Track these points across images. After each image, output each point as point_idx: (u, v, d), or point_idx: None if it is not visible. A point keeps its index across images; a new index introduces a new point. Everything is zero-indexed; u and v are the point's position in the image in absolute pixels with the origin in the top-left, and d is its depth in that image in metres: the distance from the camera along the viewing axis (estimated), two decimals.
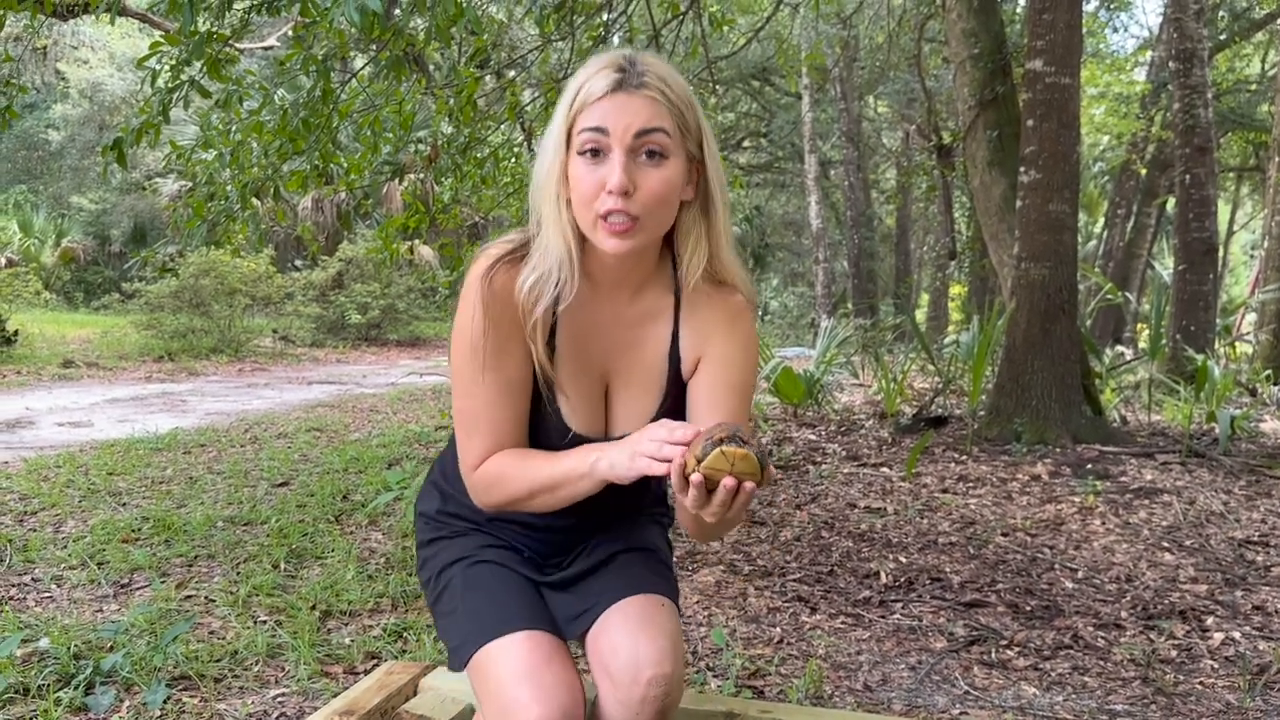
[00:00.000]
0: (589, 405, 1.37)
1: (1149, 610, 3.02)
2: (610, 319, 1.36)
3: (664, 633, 1.33)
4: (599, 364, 1.37)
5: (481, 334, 1.28)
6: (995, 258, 6.52)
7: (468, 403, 1.31)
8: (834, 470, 5.02)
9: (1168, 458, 5.22)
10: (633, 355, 1.38)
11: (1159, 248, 17.74)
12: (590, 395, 1.37)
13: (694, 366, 1.37)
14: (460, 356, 1.31)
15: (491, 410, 1.31)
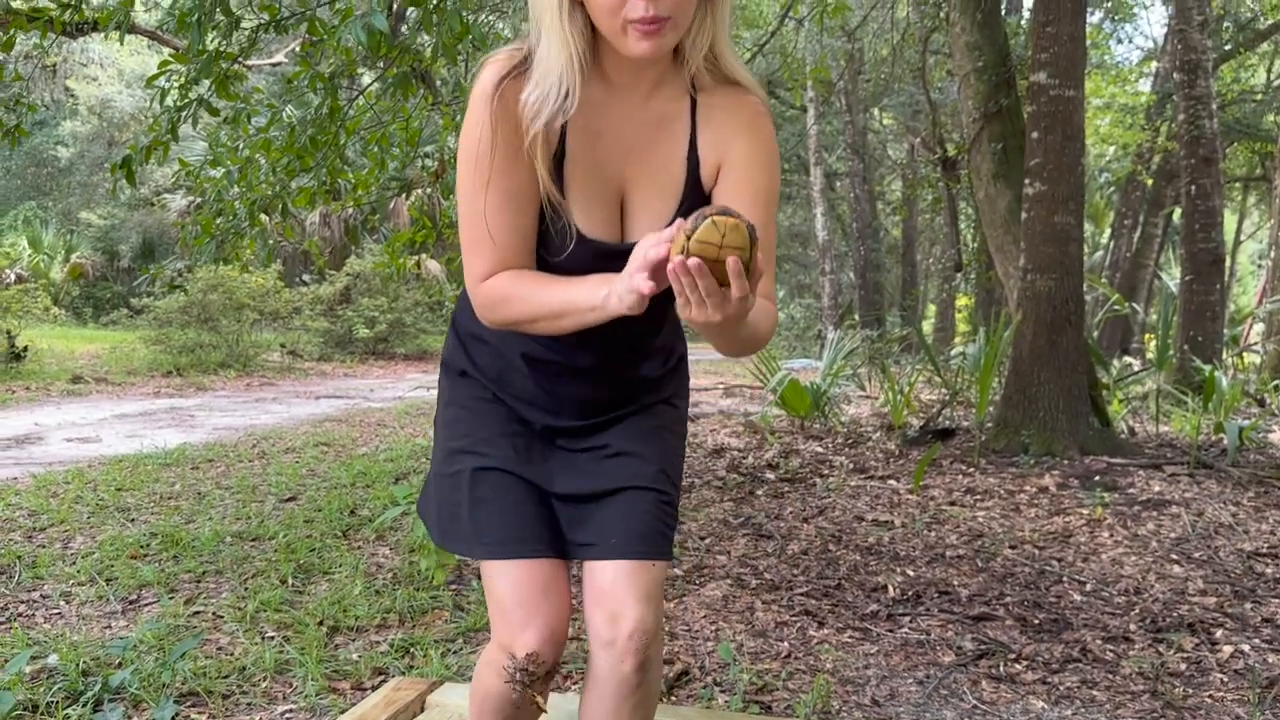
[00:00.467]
0: (603, 211, 1.33)
1: (1158, 623, 3.01)
2: (623, 123, 1.34)
3: (649, 596, 1.35)
4: (613, 170, 1.34)
5: (489, 147, 1.26)
6: (1001, 269, 6.52)
7: (472, 217, 1.29)
8: (841, 483, 5.01)
9: (1176, 469, 5.21)
10: (648, 159, 1.34)
11: (1165, 258, 17.71)
12: (604, 202, 1.33)
13: (715, 172, 1.34)
14: (464, 169, 1.30)
15: (496, 222, 1.28)
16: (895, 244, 22.52)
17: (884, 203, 22.16)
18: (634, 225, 1.34)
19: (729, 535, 3.99)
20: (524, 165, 1.27)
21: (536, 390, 1.44)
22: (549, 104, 1.25)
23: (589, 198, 1.31)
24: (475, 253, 1.30)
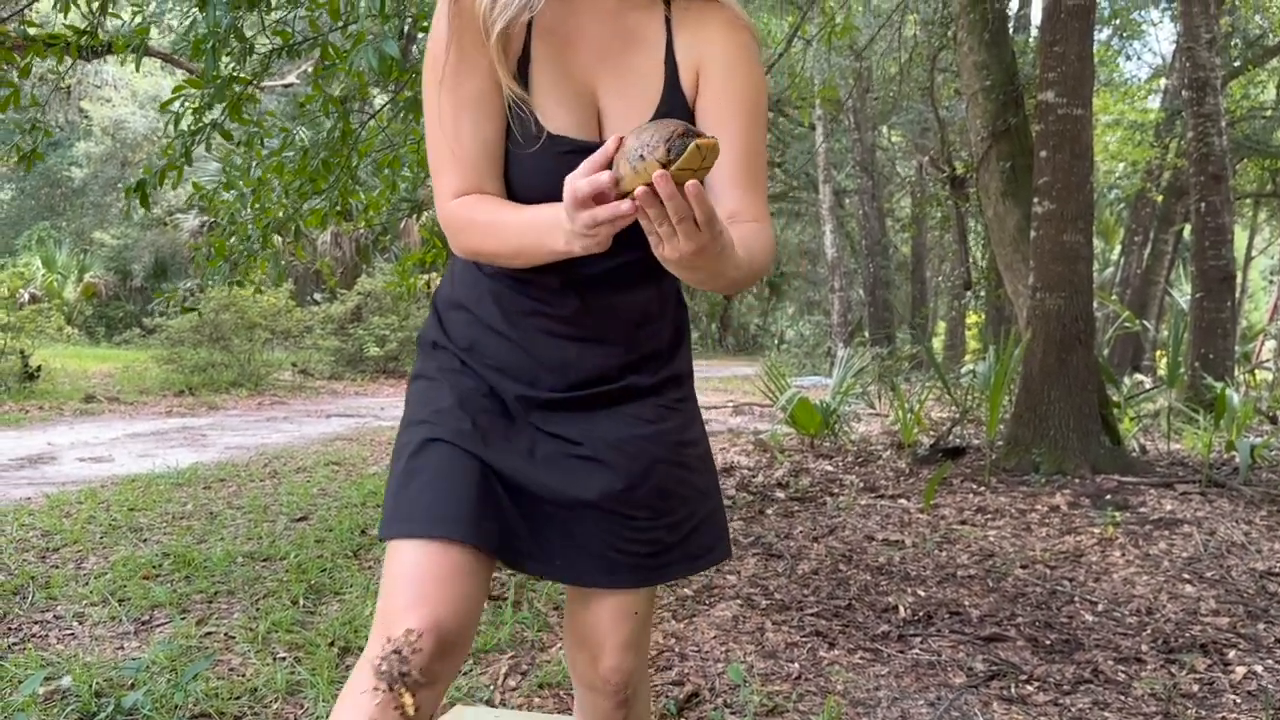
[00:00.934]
0: (575, 114, 1.24)
1: (1170, 644, 3.00)
2: (593, 30, 1.27)
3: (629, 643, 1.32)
4: (583, 77, 1.26)
5: (443, 49, 1.20)
6: (1011, 288, 6.52)
7: (434, 129, 1.22)
8: (851, 502, 5.01)
9: (1187, 488, 5.19)
10: (622, 67, 1.27)
11: (1176, 274, 17.67)
12: (576, 105, 1.25)
13: (694, 79, 1.28)
14: (428, 77, 1.23)
15: (458, 131, 1.21)
16: (905, 261, 22.52)
17: (893, 219, 22.18)
18: (613, 125, 1.26)
19: (739, 555, 3.99)
20: (487, 70, 1.21)
21: (512, 351, 1.31)
22: (511, 2, 1.20)
23: (557, 100, 1.23)
24: (440, 168, 1.23)
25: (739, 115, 1.25)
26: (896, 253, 22.50)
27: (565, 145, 1.21)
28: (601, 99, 1.26)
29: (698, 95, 1.27)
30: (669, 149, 0.91)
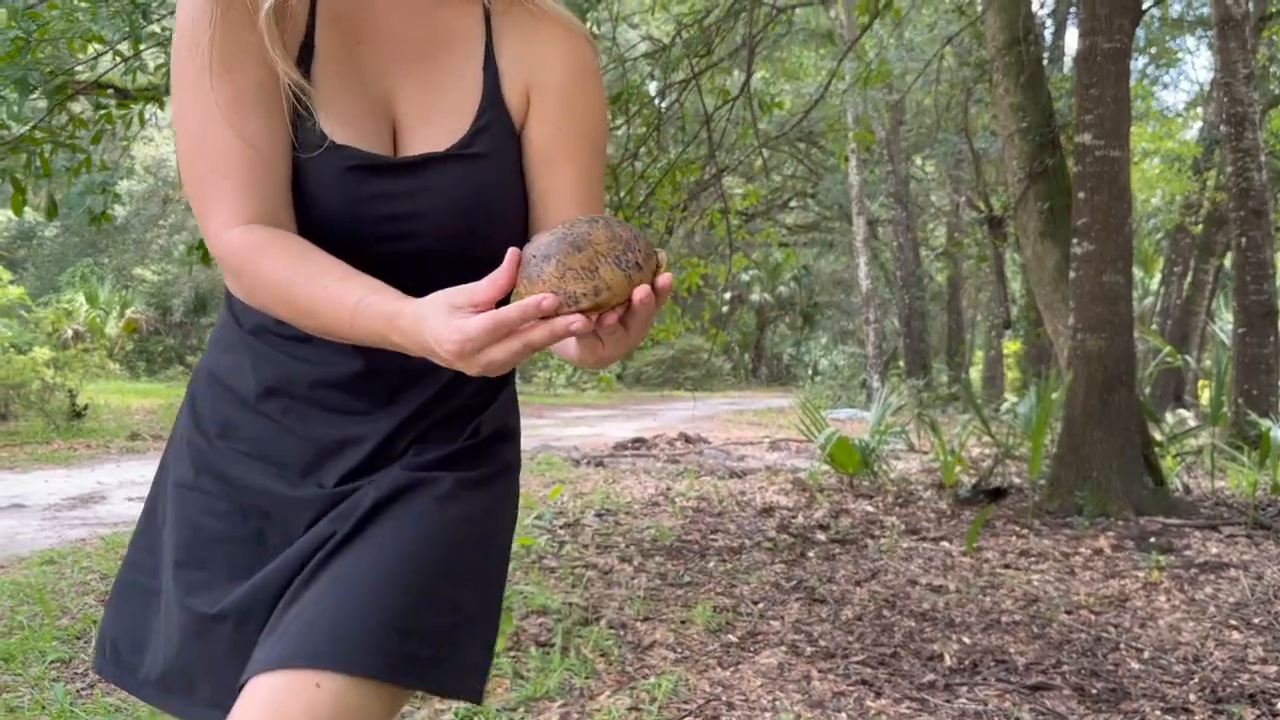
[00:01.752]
0: (366, 121, 1.02)
1: (1218, 693, 2.99)
2: (393, 28, 1.05)
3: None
4: (379, 80, 1.04)
5: (206, 25, 0.95)
6: (1050, 327, 6.53)
7: (201, 133, 0.95)
8: (893, 544, 5.02)
9: (1233, 529, 5.15)
10: (429, 72, 1.05)
11: (1217, 304, 17.48)
12: (368, 112, 1.02)
13: (524, 97, 1.06)
14: (183, 67, 0.96)
15: (244, 133, 0.95)
16: (939, 291, 22.46)
17: (928, 249, 22.15)
18: (414, 140, 1.03)
19: (781, 599, 4.02)
20: (262, 56, 0.97)
21: (275, 434, 1.05)
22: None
23: (344, 103, 1.00)
24: (212, 187, 0.96)
25: (583, 149, 1.08)
26: (931, 283, 22.44)
27: (351, 158, 0.99)
28: (399, 107, 1.04)
29: (528, 120, 1.06)
30: (650, 255, 0.81)
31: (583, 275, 0.79)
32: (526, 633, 3.44)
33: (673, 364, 26.06)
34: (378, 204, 1.00)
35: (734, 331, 30.23)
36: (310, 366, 1.04)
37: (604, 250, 0.79)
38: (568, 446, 10.22)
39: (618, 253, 0.80)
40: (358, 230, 1.00)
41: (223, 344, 1.11)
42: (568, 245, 0.79)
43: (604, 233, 0.80)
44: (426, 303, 0.84)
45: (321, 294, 0.91)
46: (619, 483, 7.26)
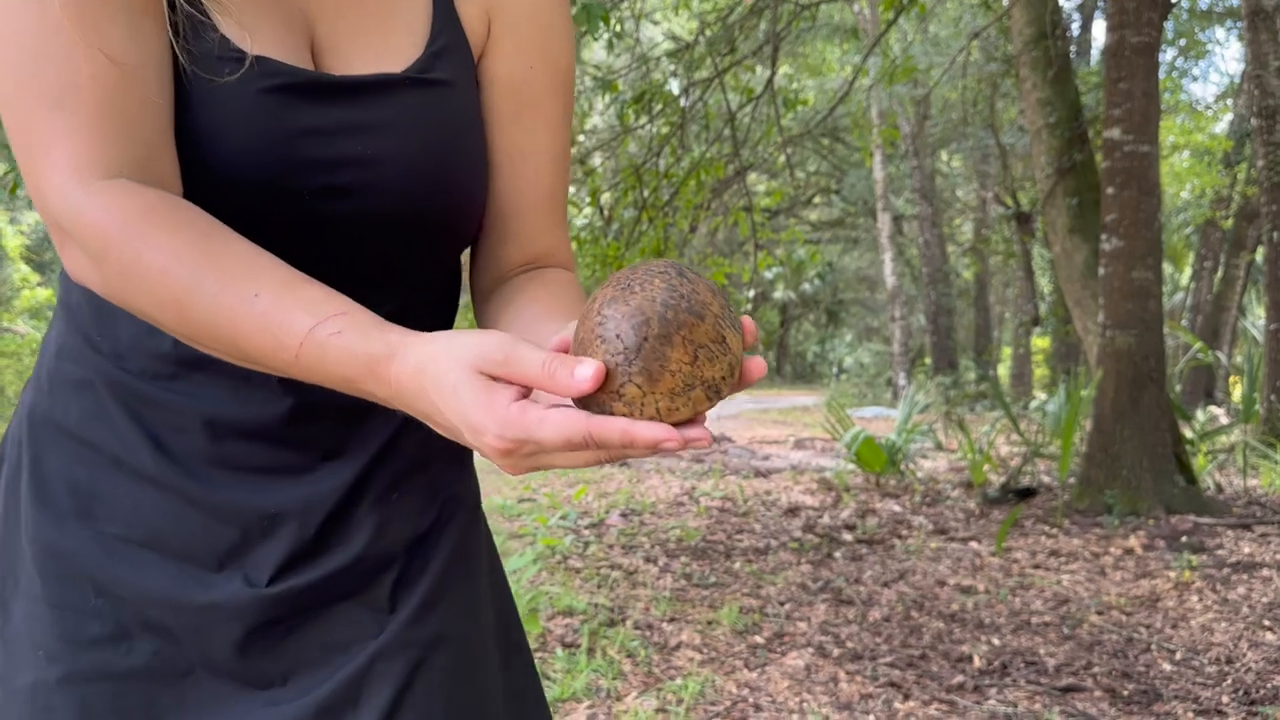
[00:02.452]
0: (278, 27, 0.71)
1: (1251, 694, 2.96)
2: None
3: None
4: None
5: None
6: (1079, 324, 6.47)
7: (19, 52, 0.63)
8: (921, 544, 5.00)
9: (1266, 529, 5.09)
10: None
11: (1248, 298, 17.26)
12: (279, 17, 0.71)
13: (482, 25, 0.80)
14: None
15: (104, 42, 0.64)
16: (966, 287, 22.32)
17: (954, 244, 22.00)
18: (345, 64, 0.74)
19: (808, 600, 4.01)
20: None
21: (169, 507, 0.72)
22: None
23: (251, 6, 0.70)
24: (38, 127, 0.63)
25: (558, 100, 0.83)
26: (958, 279, 22.30)
27: (274, 75, 0.69)
28: (321, 22, 0.74)
29: (488, 53, 0.81)
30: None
31: (715, 353, 0.56)
32: (552, 634, 3.46)
33: None
34: (309, 144, 0.69)
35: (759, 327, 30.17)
36: (214, 407, 0.72)
37: (720, 311, 0.57)
38: None
39: (728, 309, 0.58)
40: (276, 183, 0.69)
41: (66, 378, 0.74)
42: (688, 314, 0.56)
43: (704, 286, 0.58)
44: (442, 353, 0.58)
45: (248, 309, 0.60)
46: (643, 482, 7.27)
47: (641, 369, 0.55)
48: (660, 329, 0.55)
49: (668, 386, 0.55)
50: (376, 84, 0.73)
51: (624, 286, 0.57)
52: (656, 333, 0.55)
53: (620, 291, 0.57)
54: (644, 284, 0.57)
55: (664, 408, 0.56)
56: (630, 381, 0.55)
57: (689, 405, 0.56)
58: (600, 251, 5.23)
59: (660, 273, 0.58)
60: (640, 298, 0.56)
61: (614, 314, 0.56)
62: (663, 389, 0.55)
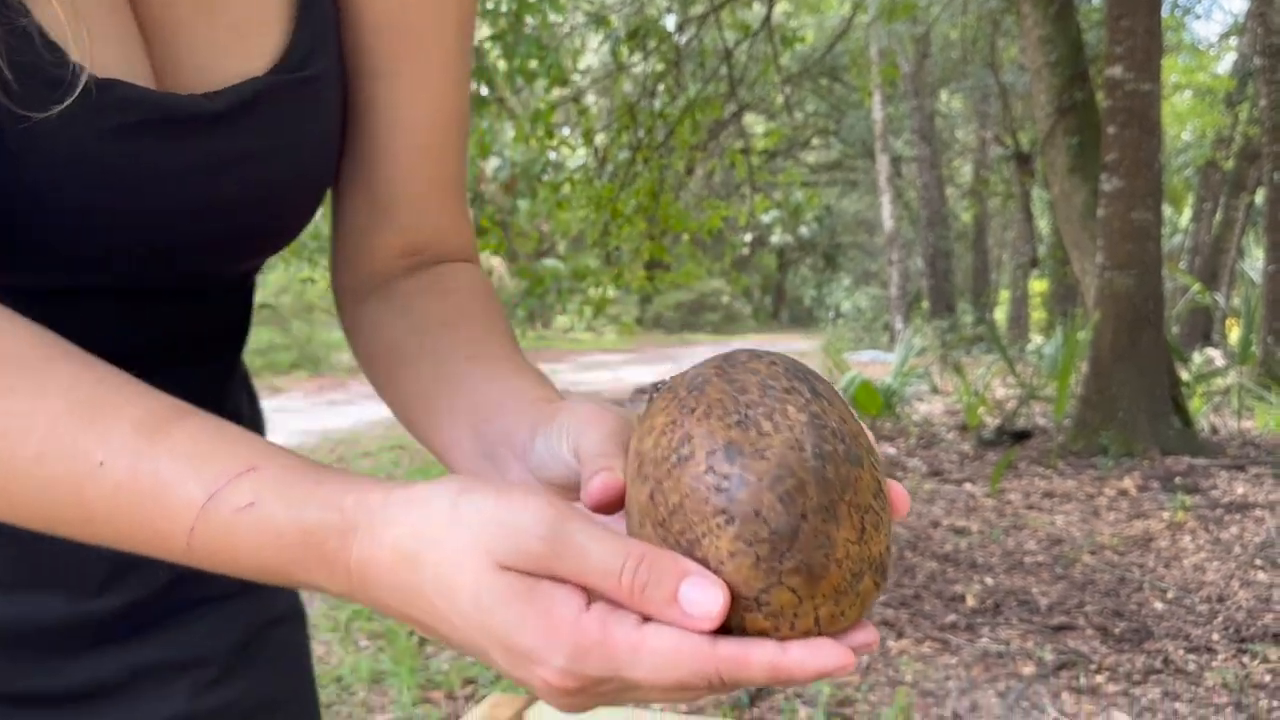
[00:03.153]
0: (118, 40, 0.50)
1: (1241, 633, 2.99)
2: None
3: None
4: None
5: None
6: (1078, 266, 6.43)
7: None
8: (916, 486, 5.01)
9: (1259, 469, 5.10)
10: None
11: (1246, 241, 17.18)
12: (112, 24, 0.50)
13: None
14: None
15: None
16: (965, 230, 22.19)
17: (953, 186, 21.83)
18: (188, 65, 0.53)
19: None
20: None
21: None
22: None
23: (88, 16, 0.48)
24: None
25: (446, 37, 0.62)
26: (957, 222, 22.16)
27: (128, 103, 0.49)
28: (147, 17, 0.52)
29: (360, 28, 0.60)
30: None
31: (880, 515, 0.40)
32: None
33: (692, 307, 25.99)
34: (174, 189, 0.51)
35: (755, 274, 30.07)
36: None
37: (869, 444, 0.42)
38: (587, 391, 10.24)
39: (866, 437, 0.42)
40: (108, 250, 0.52)
41: None
42: (848, 463, 0.39)
43: (840, 403, 0.41)
44: (442, 534, 0.39)
45: (95, 486, 0.41)
46: None
47: (801, 564, 0.37)
48: (821, 497, 0.37)
49: (834, 584, 0.38)
50: (248, 100, 0.53)
51: (739, 416, 0.38)
52: (816, 503, 0.37)
53: (739, 427, 0.38)
54: (771, 411, 0.38)
55: (826, 614, 0.38)
56: (781, 584, 0.37)
57: (857, 604, 0.39)
58: (594, 193, 5.16)
59: (785, 388, 0.39)
60: (779, 442, 0.38)
61: (742, 472, 0.37)
62: (827, 588, 0.37)
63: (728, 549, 0.37)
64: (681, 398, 0.40)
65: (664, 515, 0.39)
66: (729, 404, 0.39)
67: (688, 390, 0.40)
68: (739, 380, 0.40)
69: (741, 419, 0.38)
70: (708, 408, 0.39)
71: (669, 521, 0.39)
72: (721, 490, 0.37)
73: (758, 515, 0.37)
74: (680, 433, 0.39)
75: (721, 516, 0.37)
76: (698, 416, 0.39)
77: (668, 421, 0.40)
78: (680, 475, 0.38)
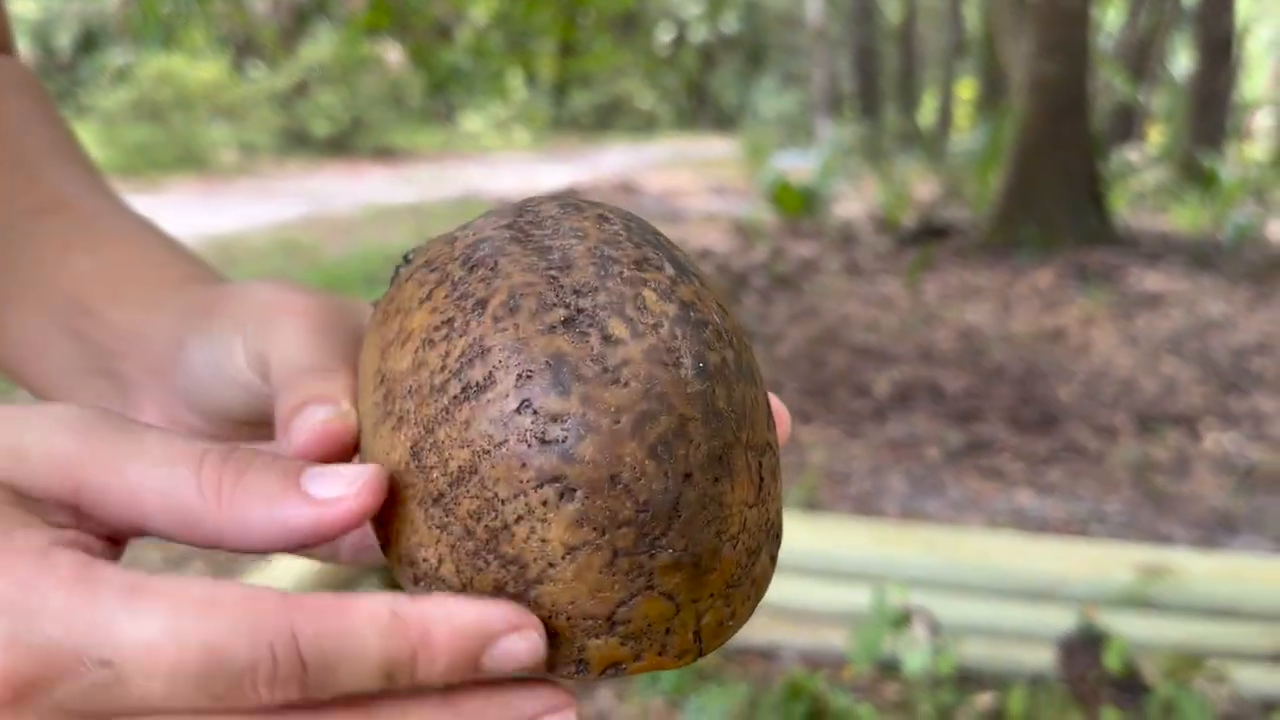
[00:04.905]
0: None
1: (1144, 415, 3.01)
2: None
3: None
4: None
5: None
6: (1005, 55, 6.21)
7: None
8: (832, 284, 4.93)
9: (1173, 264, 5.13)
10: None
11: (1173, 42, 17.04)
12: None
13: None
14: None
15: None
16: (894, 32, 21.58)
17: None
18: None
19: None
20: None
21: None
22: None
23: None
24: None
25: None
26: (884, 21, 21.53)
27: None
28: None
29: None
30: None
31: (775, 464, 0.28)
32: None
33: (608, 109, 25.15)
34: None
35: (675, 74, 29.11)
36: None
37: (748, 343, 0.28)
38: (496, 195, 9.88)
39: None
40: None
41: None
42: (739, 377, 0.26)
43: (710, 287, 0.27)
44: None
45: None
46: None
47: (684, 553, 0.24)
48: (711, 441, 0.24)
49: (726, 574, 0.25)
50: None
51: (566, 310, 0.24)
52: (705, 453, 0.24)
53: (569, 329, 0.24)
54: (620, 301, 0.24)
55: (712, 623, 0.25)
56: (652, 590, 0.24)
57: (752, 597, 0.26)
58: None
59: (634, 258, 0.25)
60: (638, 353, 0.24)
61: (584, 409, 0.23)
62: (716, 583, 0.25)
63: (563, 541, 0.23)
64: (457, 279, 0.25)
65: (440, 487, 0.24)
66: (545, 289, 0.24)
67: (466, 265, 0.25)
68: (555, 247, 0.25)
69: (571, 315, 0.24)
70: (509, 297, 0.24)
71: (450, 497, 0.24)
72: (549, 442, 0.23)
73: (615, 481, 0.23)
74: (463, 342, 0.24)
75: (551, 487, 0.23)
76: (493, 313, 0.24)
77: (437, 321, 0.25)
78: (470, 417, 0.23)
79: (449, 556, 0.24)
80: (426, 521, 0.24)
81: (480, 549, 0.23)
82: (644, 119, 25.77)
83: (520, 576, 0.23)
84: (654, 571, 0.23)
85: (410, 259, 0.28)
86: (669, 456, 0.23)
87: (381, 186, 11.50)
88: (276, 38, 14.42)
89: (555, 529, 0.23)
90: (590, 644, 0.24)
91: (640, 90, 24.90)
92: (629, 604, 0.23)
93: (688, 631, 0.24)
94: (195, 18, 3.96)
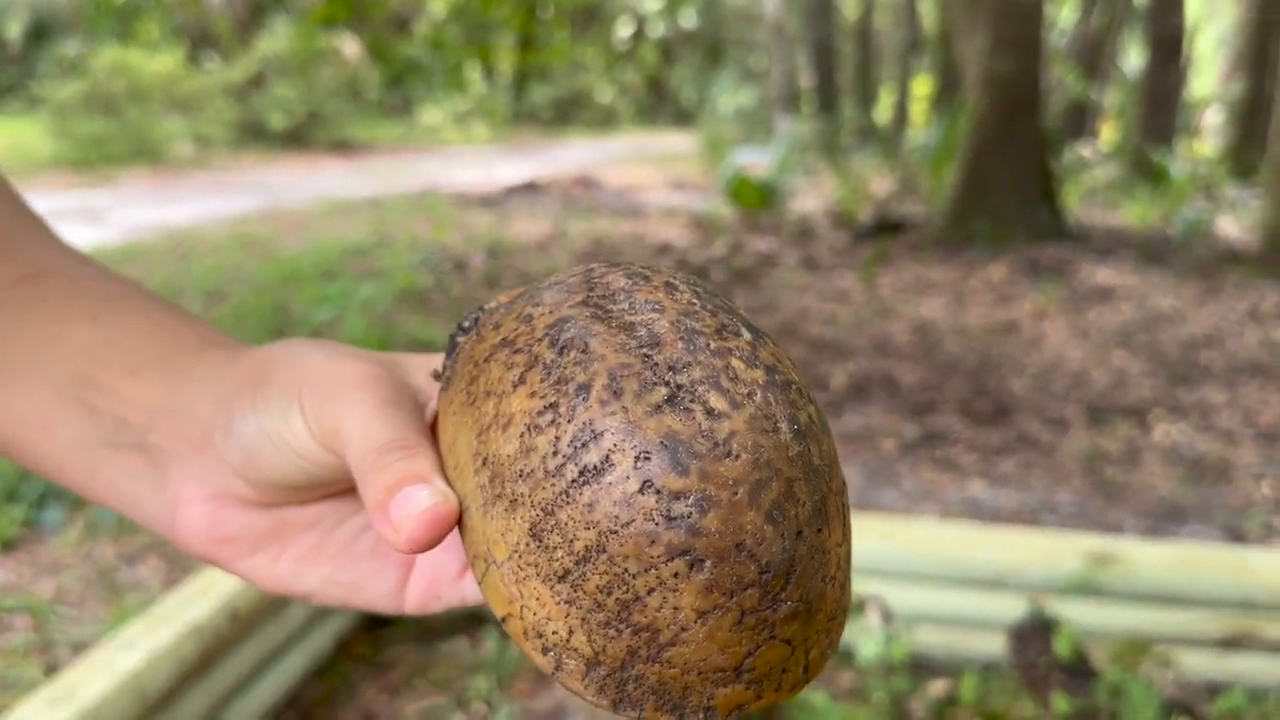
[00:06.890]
0: None
1: (1095, 408, 3.05)
2: None
3: None
4: None
5: None
6: (960, 52, 6.27)
7: None
8: (789, 278, 4.94)
9: (1123, 259, 5.21)
10: None
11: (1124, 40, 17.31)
12: None
13: None
14: None
15: None
16: (851, 27, 21.70)
17: None
18: None
19: None
20: None
21: None
22: None
23: None
24: None
25: None
26: (842, 18, 21.66)
27: None
28: None
29: None
30: None
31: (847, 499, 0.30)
32: None
33: (567, 103, 25.03)
34: None
35: (634, 69, 29.06)
36: None
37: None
38: (454, 189, 9.80)
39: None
40: None
41: None
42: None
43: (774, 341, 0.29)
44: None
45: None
46: (510, 224, 6.99)
47: (800, 602, 0.26)
48: (812, 497, 0.26)
49: (829, 612, 0.28)
50: None
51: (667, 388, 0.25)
52: (809, 509, 0.26)
53: (673, 408, 0.25)
54: (714, 373, 0.25)
55: (817, 656, 0.28)
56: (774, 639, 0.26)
57: (840, 625, 0.29)
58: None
59: (714, 326, 0.26)
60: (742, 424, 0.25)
61: (703, 485, 0.24)
62: (821, 622, 0.28)
63: (694, 608, 0.25)
64: (549, 362, 0.26)
65: (565, 565, 0.25)
66: (643, 369, 0.25)
67: (555, 347, 0.26)
68: (639, 324, 0.26)
69: (672, 393, 0.25)
70: (610, 380, 0.25)
71: (577, 574, 0.25)
72: (675, 519, 0.24)
73: (739, 549, 0.24)
74: (572, 427, 0.25)
75: (681, 560, 0.24)
76: (598, 396, 0.25)
77: (539, 406, 0.26)
78: (593, 500, 0.25)
79: (580, 628, 0.25)
80: (554, 597, 0.25)
81: (611, 619, 0.25)
82: (603, 114, 25.70)
83: (653, 641, 0.25)
84: (775, 624, 0.26)
85: (468, 328, 0.30)
86: (782, 518, 0.25)
87: (339, 180, 11.35)
88: (232, 29, 14.18)
89: (687, 597, 0.24)
90: (719, 692, 0.26)
91: (600, 85, 24.85)
92: (754, 654, 0.26)
93: (799, 668, 0.27)
94: (150, 9, 3.89)
